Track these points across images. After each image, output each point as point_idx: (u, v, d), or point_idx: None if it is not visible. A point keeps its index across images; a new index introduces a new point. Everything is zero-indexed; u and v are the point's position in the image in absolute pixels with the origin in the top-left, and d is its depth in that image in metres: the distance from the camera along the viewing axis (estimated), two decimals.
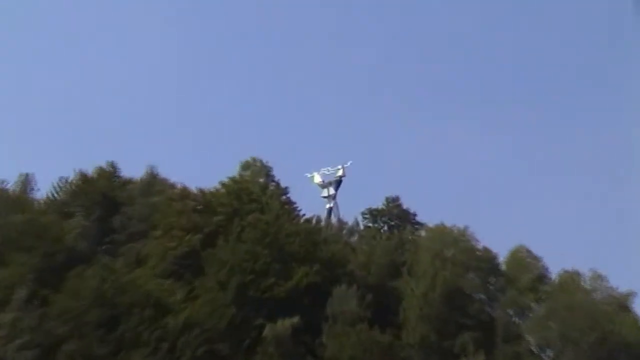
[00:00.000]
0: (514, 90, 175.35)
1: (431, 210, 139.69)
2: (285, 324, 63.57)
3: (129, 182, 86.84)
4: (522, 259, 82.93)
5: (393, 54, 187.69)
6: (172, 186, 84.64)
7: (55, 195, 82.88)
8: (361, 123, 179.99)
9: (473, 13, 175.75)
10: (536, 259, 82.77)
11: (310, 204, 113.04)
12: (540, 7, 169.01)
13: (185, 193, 79.74)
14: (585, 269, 78.99)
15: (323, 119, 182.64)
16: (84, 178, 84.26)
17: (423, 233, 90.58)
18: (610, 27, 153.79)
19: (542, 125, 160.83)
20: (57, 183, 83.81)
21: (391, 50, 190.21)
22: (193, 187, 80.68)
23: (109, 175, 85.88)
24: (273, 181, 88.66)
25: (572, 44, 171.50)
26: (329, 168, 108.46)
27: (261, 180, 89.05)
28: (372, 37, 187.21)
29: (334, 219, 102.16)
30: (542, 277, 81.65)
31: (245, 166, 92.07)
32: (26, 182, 79.54)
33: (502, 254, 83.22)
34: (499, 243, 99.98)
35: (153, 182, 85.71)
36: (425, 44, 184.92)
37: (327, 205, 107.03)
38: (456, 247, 79.86)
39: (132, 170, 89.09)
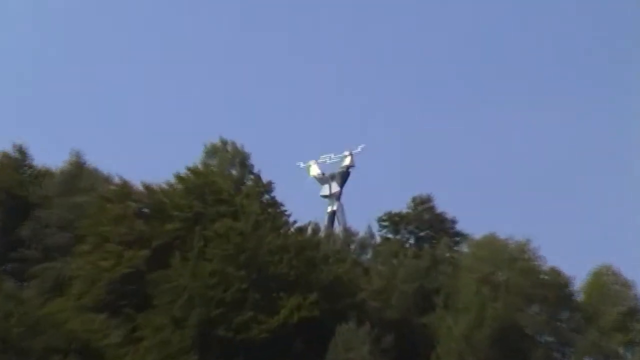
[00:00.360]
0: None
1: (476, 216, 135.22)
2: None
3: (44, 173, 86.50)
4: (607, 285, 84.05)
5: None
6: (107, 180, 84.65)
7: None
8: (377, 96, 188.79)
9: None
10: (627, 284, 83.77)
11: (305, 205, 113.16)
12: None
13: (125, 190, 79.78)
14: None
15: (322, 91, 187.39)
16: None
17: (466, 248, 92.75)
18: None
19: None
20: None
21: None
22: (137, 181, 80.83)
23: (16, 164, 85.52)
24: (251, 173, 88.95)
25: None
26: (331, 155, 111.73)
27: (234, 172, 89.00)
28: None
29: (338, 228, 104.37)
30: (635, 311, 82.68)
31: (212, 151, 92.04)
32: None
33: (579, 278, 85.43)
34: (574, 261, 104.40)
35: (79, 175, 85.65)
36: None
37: (329, 208, 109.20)
38: (513, 269, 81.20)
39: (50, 157, 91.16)
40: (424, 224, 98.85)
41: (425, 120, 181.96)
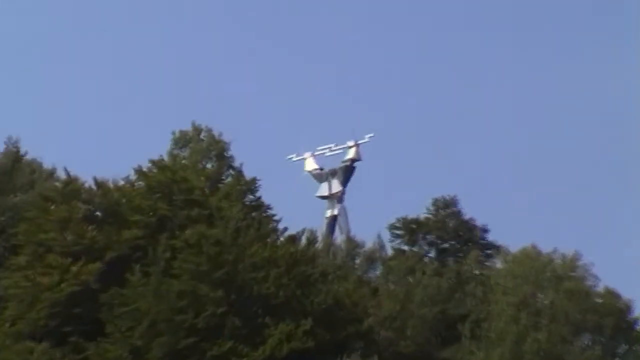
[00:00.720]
0: None
1: (513, 223, 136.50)
2: None
3: None
4: None
5: None
6: (51, 176, 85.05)
7: None
8: (388, 75, 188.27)
9: None
10: None
11: (298, 208, 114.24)
12: None
13: (72, 188, 78.84)
14: None
15: (321, 69, 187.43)
16: None
17: (499, 264, 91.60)
18: None
19: None
20: None
21: None
22: (88, 177, 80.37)
23: None
24: (231, 168, 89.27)
25: None
26: (331, 146, 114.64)
27: (210, 165, 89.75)
28: None
29: (339, 237, 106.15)
30: None
31: (182, 140, 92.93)
32: None
33: None
34: (634, 282, 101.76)
35: (15, 168, 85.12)
36: None
37: (329, 212, 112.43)
38: (558, 290, 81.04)
39: None
40: (448, 234, 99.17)
41: (447, 105, 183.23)
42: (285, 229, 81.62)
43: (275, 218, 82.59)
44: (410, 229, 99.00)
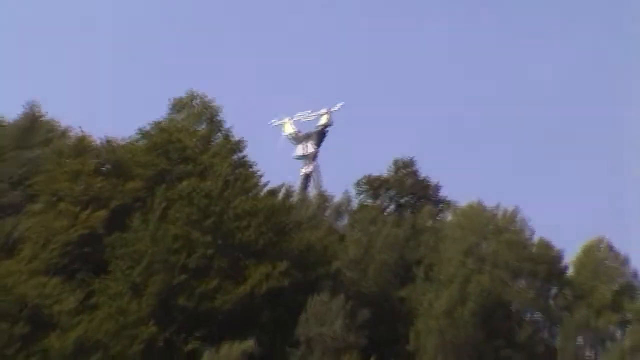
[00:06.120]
0: None
1: (462, 182, 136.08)
2: (234, 351, 64.90)
3: None
4: (600, 259, 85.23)
5: None
6: (64, 133, 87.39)
7: None
8: (359, 46, 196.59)
9: None
10: (622, 259, 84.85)
11: (278, 166, 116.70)
12: None
13: (84, 144, 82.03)
14: None
15: (300, 45, 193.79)
16: None
17: (450, 216, 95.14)
18: None
19: None
20: None
21: None
22: (97, 136, 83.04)
23: None
24: (220, 131, 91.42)
25: None
26: (308, 112, 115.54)
27: (202, 128, 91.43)
28: None
29: (312, 191, 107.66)
30: (630, 288, 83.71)
31: (178, 105, 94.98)
32: None
33: (570, 251, 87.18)
34: (566, 233, 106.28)
35: (33, 127, 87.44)
36: None
37: (303, 170, 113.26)
38: (499, 239, 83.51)
39: (2, 106, 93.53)
40: (406, 190, 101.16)
41: (410, 77, 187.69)
42: (266, 183, 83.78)
43: (258, 174, 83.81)
44: (373, 185, 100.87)
